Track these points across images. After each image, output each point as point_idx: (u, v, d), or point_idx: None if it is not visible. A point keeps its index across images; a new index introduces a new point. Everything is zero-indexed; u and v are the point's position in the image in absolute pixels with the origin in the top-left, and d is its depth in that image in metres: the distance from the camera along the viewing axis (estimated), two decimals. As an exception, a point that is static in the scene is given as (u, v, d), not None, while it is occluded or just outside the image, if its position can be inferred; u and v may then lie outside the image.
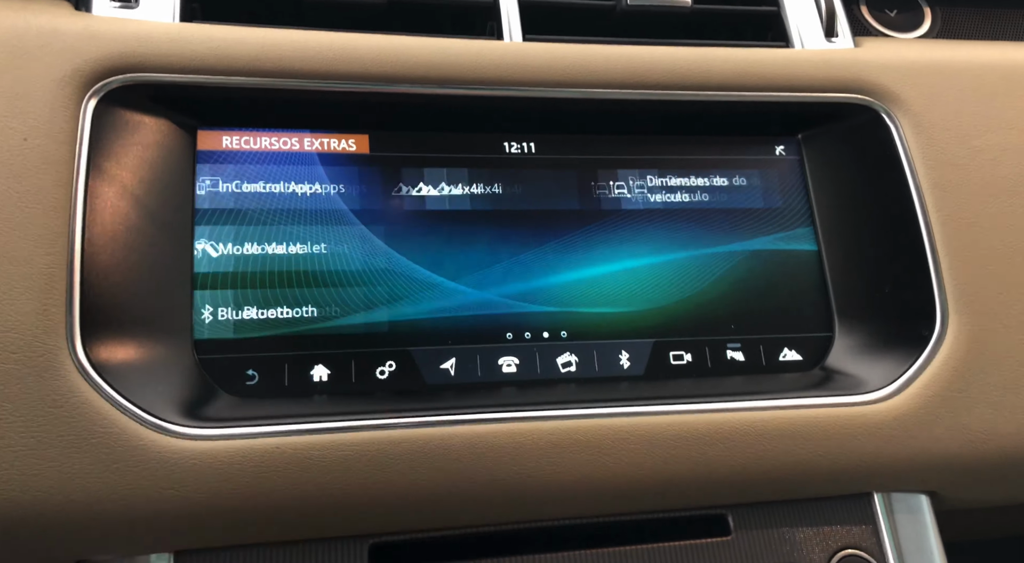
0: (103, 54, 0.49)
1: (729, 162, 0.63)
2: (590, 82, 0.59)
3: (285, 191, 0.55)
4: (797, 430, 0.53)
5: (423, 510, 0.48)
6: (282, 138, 0.56)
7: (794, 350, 0.60)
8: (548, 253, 0.58)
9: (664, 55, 0.60)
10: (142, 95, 0.51)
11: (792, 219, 0.63)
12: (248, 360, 0.51)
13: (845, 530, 0.55)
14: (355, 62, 0.54)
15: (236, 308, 0.52)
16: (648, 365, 0.57)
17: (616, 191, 0.60)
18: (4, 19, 0.49)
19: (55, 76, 0.48)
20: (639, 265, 0.59)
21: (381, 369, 0.53)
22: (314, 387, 0.52)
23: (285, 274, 0.53)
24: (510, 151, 0.60)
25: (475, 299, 0.56)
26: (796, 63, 0.63)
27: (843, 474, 0.54)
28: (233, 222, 0.53)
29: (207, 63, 0.52)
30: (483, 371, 0.55)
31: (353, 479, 0.46)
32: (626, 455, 0.50)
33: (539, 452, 0.49)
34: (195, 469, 0.44)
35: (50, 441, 0.42)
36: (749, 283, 0.60)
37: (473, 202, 0.58)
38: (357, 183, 0.57)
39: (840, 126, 0.64)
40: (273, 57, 0.53)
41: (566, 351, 0.56)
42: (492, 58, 0.57)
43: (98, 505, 0.42)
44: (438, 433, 0.48)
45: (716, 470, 0.52)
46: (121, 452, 0.43)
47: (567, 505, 0.51)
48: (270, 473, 0.45)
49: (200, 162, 0.54)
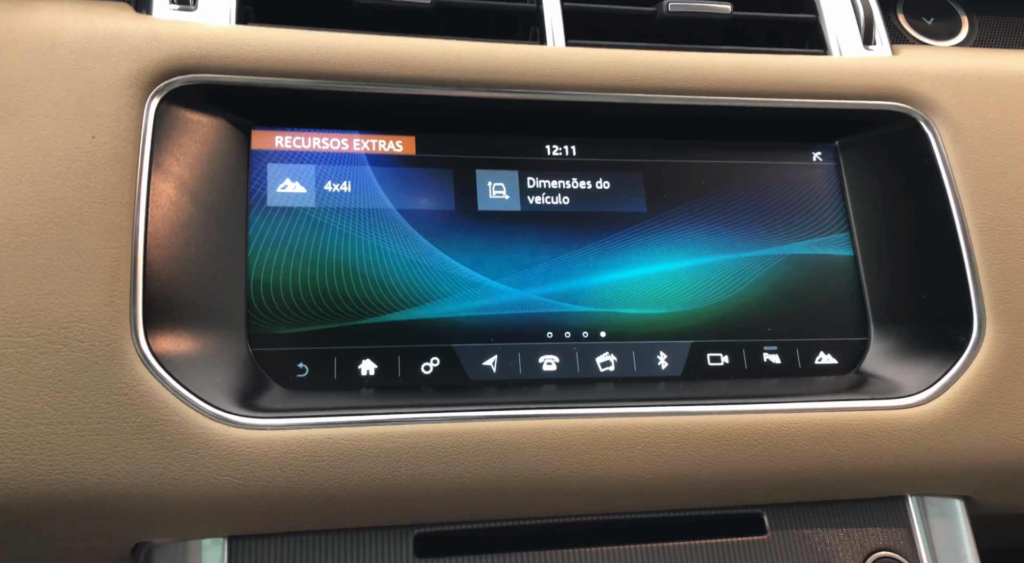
0: (165, 55, 0.51)
1: (766, 168, 0.64)
2: (631, 87, 0.60)
3: (334, 190, 0.57)
4: (833, 432, 0.54)
5: (467, 502, 0.50)
6: (332, 138, 0.58)
7: (830, 354, 0.61)
8: (588, 254, 0.59)
9: (705, 61, 0.61)
10: (200, 95, 0.53)
11: (828, 225, 0.64)
12: (299, 354, 0.53)
13: (879, 532, 0.56)
14: (405, 66, 0.56)
15: (288, 303, 0.53)
16: (686, 366, 0.58)
17: (655, 194, 0.61)
18: (72, 22, 0.51)
19: (121, 76, 0.50)
20: (678, 267, 0.60)
21: (426, 365, 0.55)
22: (362, 381, 0.53)
23: (334, 270, 0.55)
24: (551, 154, 0.61)
25: (517, 298, 0.57)
26: (835, 70, 0.63)
27: (878, 477, 0.55)
28: (285, 219, 0.55)
29: (263, 65, 0.53)
30: (524, 369, 0.56)
31: (401, 470, 0.47)
32: (664, 454, 0.51)
33: (580, 448, 0.50)
34: (251, 457, 0.45)
35: (115, 428, 0.44)
36: (785, 287, 0.61)
37: (520, 203, 0.59)
38: (403, 183, 0.58)
39: (877, 133, 0.65)
40: (326, 60, 0.54)
41: (605, 351, 0.57)
42: (537, 63, 0.58)
43: (159, 490, 0.44)
44: (482, 428, 0.49)
45: (752, 470, 0.53)
46: (182, 439, 0.45)
47: (606, 501, 0.52)
48: (322, 463, 0.46)
49: (254, 160, 0.56)
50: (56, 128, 0.48)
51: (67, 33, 0.51)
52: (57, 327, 0.44)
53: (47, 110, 0.48)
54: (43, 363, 0.44)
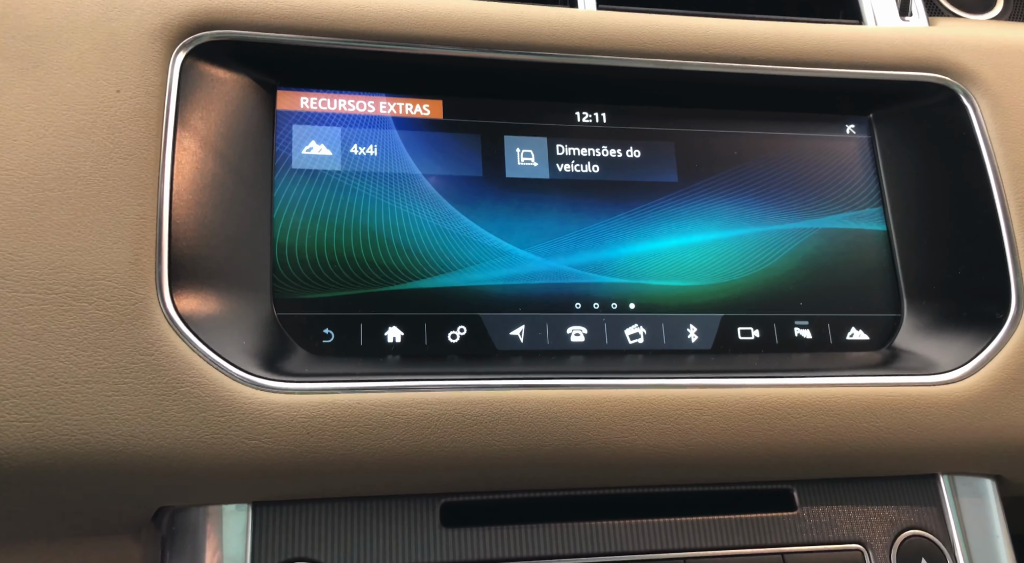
0: (191, 9, 0.50)
1: (799, 140, 0.63)
2: (665, 53, 0.58)
3: (360, 153, 0.55)
4: (865, 408, 0.53)
5: (494, 472, 0.49)
6: (358, 101, 0.56)
7: (861, 329, 0.59)
8: (618, 224, 0.58)
9: (740, 28, 0.60)
10: (226, 51, 0.51)
11: (861, 198, 0.62)
12: (324, 319, 0.52)
13: (910, 510, 0.55)
14: (435, 25, 0.54)
15: (313, 267, 0.52)
16: (716, 339, 0.57)
17: (686, 164, 0.60)
18: (95, -28, 0.50)
19: (146, 30, 0.48)
20: (709, 239, 0.59)
21: (452, 333, 0.53)
22: (388, 348, 0.52)
23: (359, 235, 0.53)
24: (582, 121, 0.60)
25: (544, 268, 0.56)
26: (872, 40, 0.62)
27: (909, 454, 0.54)
28: (310, 182, 0.54)
29: (291, 22, 0.52)
30: (552, 339, 0.55)
31: (430, 438, 0.46)
32: (693, 426, 0.50)
33: (611, 419, 0.49)
34: (279, 422, 0.44)
35: (140, 388, 0.43)
36: (817, 261, 0.60)
37: (549, 171, 0.58)
38: (430, 148, 0.57)
39: (913, 105, 0.63)
40: (354, 18, 0.53)
41: (634, 323, 0.56)
42: (569, 25, 0.57)
43: (184, 452, 0.43)
44: (513, 396, 0.48)
45: (782, 444, 0.52)
46: (208, 402, 0.44)
47: (634, 473, 0.51)
48: (350, 429, 0.45)
49: (279, 121, 0.54)
50: (80, 81, 0.46)
51: (90, -16, 0.49)
52: (82, 284, 0.43)
53: (70, 62, 0.47)
54: (67, 320, 0.43)
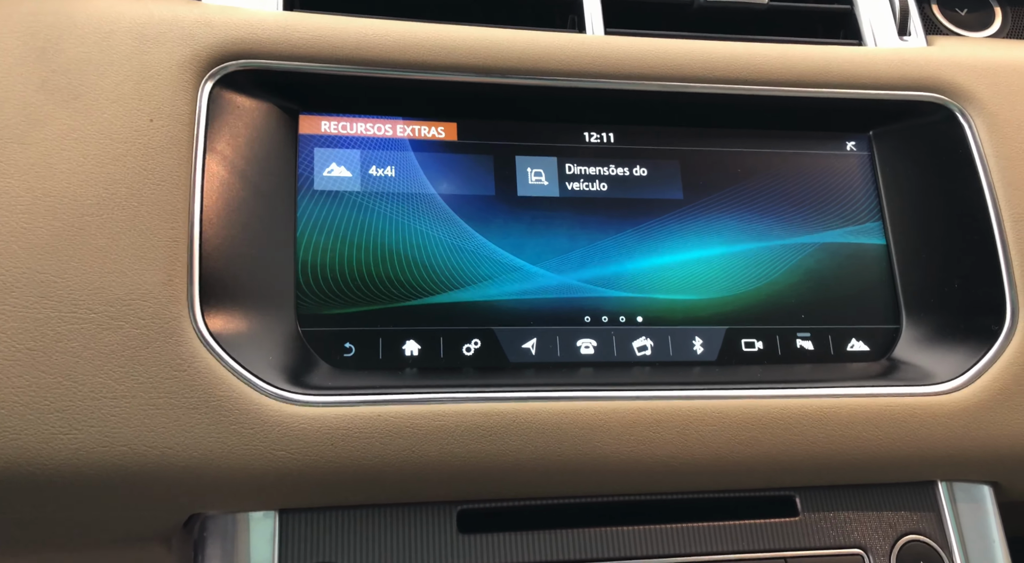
0: (218, 40, 0.52)
1: (800, 157, 0.65)
2: (671, 75, 0.60)
3: (378, 174, 0.58)
4: (865, 418, 0.55)
5: (510, 480, 0.51)
6: (376, 124, 0.59)
7: (862, 341, 0.61)
8: (626, 240, 0.60)
9: (743, 51, 0.62)
10: (251, 80, 0.54)
11: (861, 213, 0.64)
12: (346, 334, 0.54)
13: (909, 516, 0.57)
14: (450, 53, 0.57)
15: (334, 284, 0.55)
16: (721, 351, 0.59)
17: (691, 182, 0.62)
18: (128, 8, 0.53)
19: (176, 61, 0.51)
20: (713, 254, 0.61)
21: (467, 346, 0.56)
22: (406, 361, 0.55)
23: (379, 253, 0.56)
24: (590, 140, 0.62)
25: (555, 283, 0.59)
26: (872, 61, 0.64)
27: (908, 462, 0.56)
28: (332, 202, 0.56)
29: (312, 51, 0.54)
30: (563, 352, 0.57)
31: (448, 448, 0.49)
32: (701, 436, 0.52)
33: (621, 429, 0.51)
34: (305, 433, 0.47)
35: (175, 402, 0.45)
36: (818, 274, 0.62)
37: (559, 189, 0.60)
38: (445, 169, 0.59)
39: (912, 124, 0.65)
40: (373, 47, 0.55)
41: (642, 335, 0.58)
42: (578, 51, 0.59)
43: (216, 463, 0.46)
44: (527, 408, 0.51)
45: (785, 453, 0.54)
46: (238, 415, 0.46)
47: (643, 481, 0.53)
48: (372, 440, 0.48)
49: (301, 145, 0.57)
50: (116, 111, 0.49)
51: (124, 19, 0.52)
52: (119, 304, 0.46)
53: (107, 94, 0.49)
54: (106, 338, 0.45)
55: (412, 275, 0.56)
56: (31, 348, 0.44)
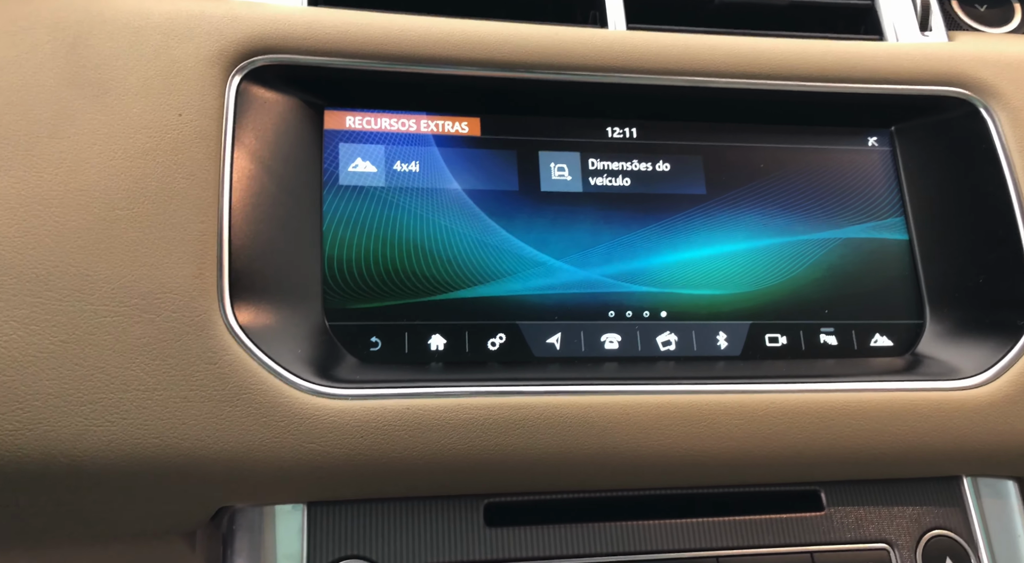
0: (245, 36, 0.53)
1: (822, 152, 0.65)
2: (694, 70, 0.60)
3: (403, 170, 0.58)
4: (891, 413, 0.55)
5: (536, 473, 0.51)
6: (401, 119, 0.59)
7: (885, 336, 0.61)
8: (649, 235, 0.60)
9: (766, 46, 0.62)
10: (277, 75, 0.54)
11: (883, 209, 0.64)
12: (372, 328, 0.54)
13: (935, 511, 0.57)
14: (474, 48, 0.57)
15: (360, 278, 0.55)
16: (745, 346, 0.59)
17: (714, 177, 0.62)
18: (156, 3, 0.53)
19: (204, 56, 0.51)
20: (736, 249, 0.61)
21: (492, 341, 0.56)
22: (431, 355, 0.55)
23: (404, 248, 0.56)
24: (613, 136, 0.62)
25: (579, 278, 0.59)
26: (894, 56, 0.64)
27: (933, 457, 0.56)
28: (357, 197, 0.56)
29: (338, 46, 0.54)
30: (587, 347, 0.57)
31: (476, 442, 0.49)
32: (727, 430, 0.52)
33: (645, 424, 0.51)
34: (335, 426, 0.47)
35: (206, 395, 0.46)
36: (841, 270, 0.62)
37: (582, 184, 0.60)
38: (469, 164, 0.59)
39: (935, 119, 0.65)
40: (398, 42, 0.56)
41: (666, 330, 0.59)
42: (602, 46, 0.59)
43: (247, 456, 0.46)
44: (554, 402, 0.51)
45: (810, 448, 0.54)
46: (269, 408, 0.46)
47: (668, 475, 0.53)
48: (401, 433, 0.48)
49: (326, 140, 0.57)
50: (145, 106, 0.49)
51: (152, 14, 0.52)
52: (150, 297, 0.46)
53: (136, 89, 0.49)
54: (138, 332, 0.45)
55: (437, 270, 0.56)
56: (64, 341, 0.44)
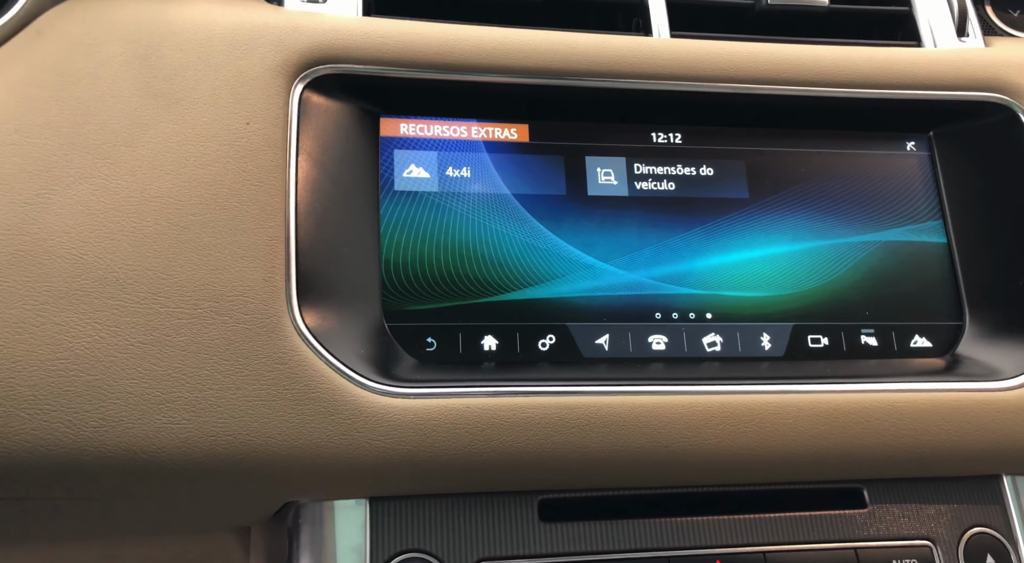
0: (307, 46, 0.54)
1: (862, 157, 0.66)
2: (738, 77, 0.62)
3: (455, 175, 0.60)
4: (932, 412, 0.56)
5: (588, 471, 0.53)
6: (452, 126, 0.61)
7: (925, 337, 0.63)
8: (694, 238, 0.62)
9: (808, 53, 0.63)
10: (336, 84, 0.56)
11: (922, 212, 0.65)
12: (428, 329, 0.56)
13: (975, 509, 0.58)
14: (527, 57, 0.58)
15: (416, 281, 0.56)
16: (788, 347, 0.60)
17: (756, 181, 0.64)
18: (221, 14, 0.55)
19: (268, 66, 0.53)
20: (779, 252, 0.62)
21: (543, 341, 0.58)
22: (484, 355, 0.56)
23: (456, 251, 0.58)
24: (657, 141, 0.64)
25: (626, 280, 0.60)
26: (933, 62, 0.65)
27: (974, 456, 0.57)
28: (412, 202, 0.58)
29: (395, 56, 0.56)
30: (635, 347, 0.59)
31: (532, 440, 0.50)
32: (775, 430, 0.54)
33: (697, 423, 0.53)
34: (398, 424, 0.49)
35: (277, 394, 0.47)
36: (881, 272, 0.63)
37: (628, 188, 0.62)
38: (518, 169, 0.61)
39: (973, 124, 0.66)
40: (453, 52, 0.57)
41: (711, 331, 0.60)
42: (649, 54, 0.61)
43: (315, 453, 0.48)
44: (604, 402, 0.52)
45: (853, 447, 0.55)
46: (336, 406, 0.48)
47: (717, 472, 0.55)
48: (461, 431, 0.49)
49: (383, 146, 0.59)
50: (214, 115, 0.51)
51: (218, 25, 0.54)
52: (223, 300, 0.48)
53: (205, 98, 0.51)
54: (212, 332, 0.47)
55: (488, 273, 0.58)
56: (143, 342, 0.46)
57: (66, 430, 0.44)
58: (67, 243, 0.47)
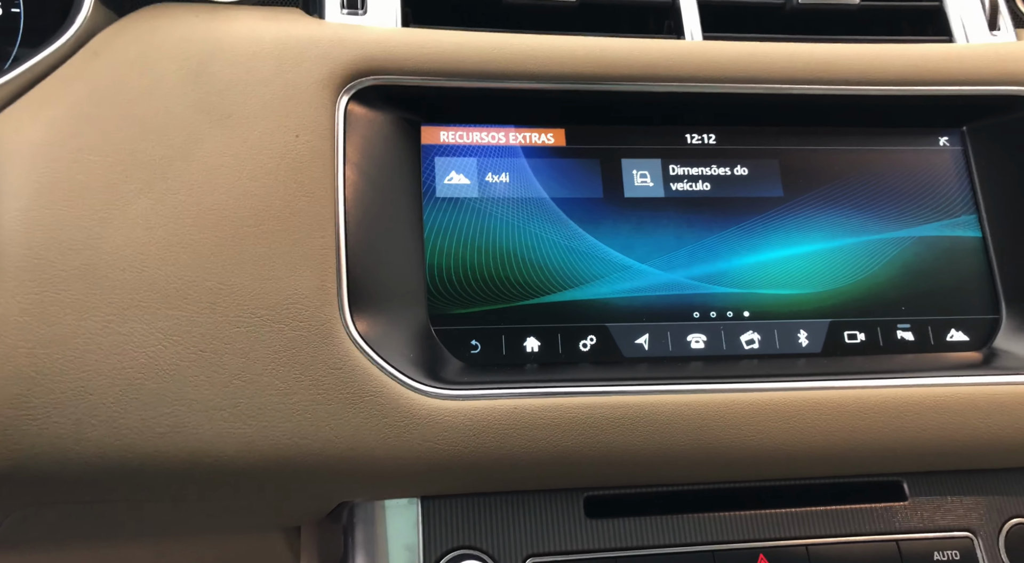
0: (351, 59, 0.56)
1: (895, 153, 0.67)
2: (771, 78, 0.63)
3: (494, 181, 0.61)
4: (973, 405, 0.57)
5: (634, 468, 0.54)
6: (490, 132, 0.62)
7: (961, 331, 0.63)
8: (730, 237, 0.63)
9: (840, 52, 0.64)
10: (379, 95, 0.57)
11: (956, 207, 0.66)
12: (472, 331, 0.57)
13: (1015, 500, 0.59)
14: (564, 64, 0.59)
15: (459, 285, 0.58)
16: (825, 343, 0.61)
17: (790, 179, 0.64)
18: (267, 29, 0.56)
19: (315, 80, 0.55)
20: (814, 249, 0.63)
21: (583, 342, 0.59)
22: (527, 357, 0.58)
23: (498, 255, 0.59)
24: (692, 142, 0.65)
25: (664, 280, 0.61)
26: (966, 58, 0.65)
27: (1012, 448, 0.58)
28: (453, 208, 0.59)
29: (436, 67, 0.57)
30: (674, 346, 0.60)
31: (578, 439, 0.52)
32: (816, 425, 0.55)
33: (740, 420, 0.54)
34: (449, 425, 0.50)
35: (332, 398, 0.49)
36: (917, 267, 0.64)
37: (664, 190, 0.63)
38: (555, 173, 0.62)
39: (1006, 118, 0.66)
40: (491, 60, 0.58)
41: (749, 329, 0.61)
42: (682, 57, 0.62)
43: (370, 453, 0.49)
44: (648, 401, 0.53)
45: (892, 441, 0.56)
46: (389, 409, 0.50)
47: (759, 468, 0.56)
48: (510, 431, 0.51)
49: (424, 154, 0.60)
50: (265, 129, 0.53)
51: (265, 40, 0.55)
52: (279, 308, 0.50)
53: (255, 112, 0.53)
54: (268, 340, 0.49)
55: (529, 275, 0.59)
56: (203, 350, 0.48)
57: (135, 436, 0.46)
58: (130, 257, 0.48)
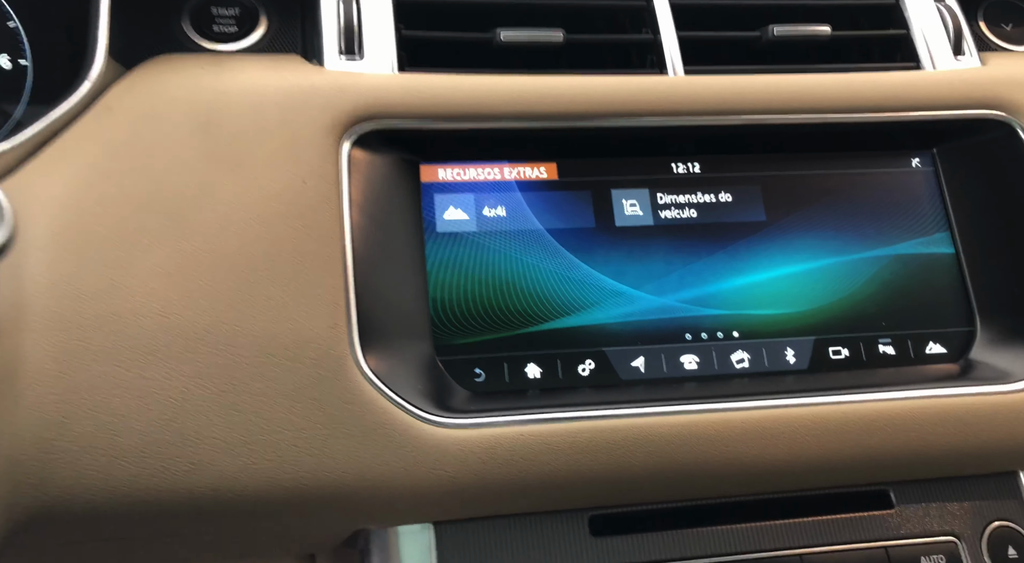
0: (352, 105, 0.59)
1: (870, 175, 0.70)
2: (750, 109, 0.66)
3: (491, 215, 0.64)
4: (951, 416, 0.60)
5: (635, 487, 0.57)
6: (486, 168, 0.65)
7: (939, 343, 0.67)
8: (717, 261, 0.66)
9: (815, 82, 0.67)
10: (380, 138, 0.60)
11: (930, 225, 0.69)
12: (475, 361, 0.60)
13: (995, 504, 0.62)
14: (554, 103, 0.62)
15: (462, 316, 0.61)
16: (811, 360, 0.64)
17: (772, 204, 0.68)
18: (270, 80, 0.59)
19: (319, 127, 0.57)
20: (798, 270, 0.66)
21: (582, 367, 0.62)
22: (529, 383, 0.60)
23: (497, 286, 0.62)
24: (678, 171, 0.68)
25: (656, 304, 0.64)
26: (932, 83, 0.69)
27: (991, 454, 0.61)
28: (453, 243, 0.62)
29: (432, 110, 0.60)
30: (668, 368, 0.63)
31: (582, 461, 0.54)
32: (804, 440, 0.58)
33: (733, 438, 0.57)
34: (459, 453, 0.53)
35: (346, 432, 0.51)
36: (895, 284, 0.67)
37: (653, 218, 0.66)
38: (549, 205, 0.65)
39: (974, 140, 0.70)
40: (485, 102, 0.61)
41: (739, 349, 0.64)
42: (665, 92, 0.65)
43: (384, 483, 0.52)
44: (647, 422, 0.56)
45: (878, 452, 0.59)
46: (401, 440, 0.52)
47: (754, 482, 0.59)
48: (517, 456, 0.54)
49: (423, 192, 0.63)
50: (273, 176, 0.55)
51: (269, 90, 0.58)
52: (293, 348, 0.52)
53: (264, 160, 0.55)
54: (284, 379, 0.51)
55: (527, 304, 0.62)
56: (223, 390, 0.51)
57: (162, 475, 0.48)
58: (150, 303, 0.51)
